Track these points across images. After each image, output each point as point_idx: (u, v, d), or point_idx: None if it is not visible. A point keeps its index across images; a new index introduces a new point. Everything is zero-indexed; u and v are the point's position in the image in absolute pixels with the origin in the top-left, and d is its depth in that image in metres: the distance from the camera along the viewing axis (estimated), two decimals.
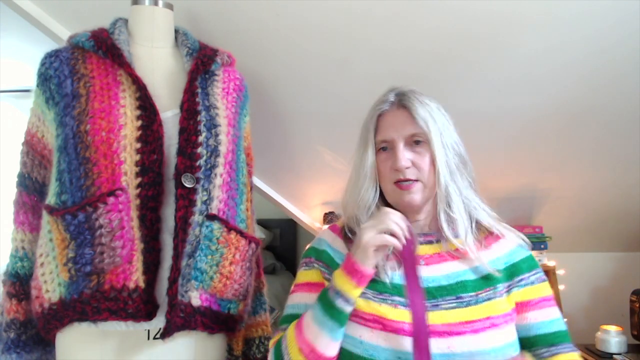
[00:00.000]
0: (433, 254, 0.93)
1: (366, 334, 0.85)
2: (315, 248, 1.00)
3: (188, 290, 0.95)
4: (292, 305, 0.97)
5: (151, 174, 0.94)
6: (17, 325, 1.02)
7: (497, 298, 0.88)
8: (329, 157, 1.81)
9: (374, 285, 0.89)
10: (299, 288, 0.98)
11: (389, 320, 0.84)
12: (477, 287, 0.88)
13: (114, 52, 0.99)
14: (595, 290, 2.17)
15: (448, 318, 0.84)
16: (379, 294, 0.88)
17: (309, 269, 0.98)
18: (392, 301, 0.87)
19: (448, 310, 0.85)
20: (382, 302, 0.86)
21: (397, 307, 0.86)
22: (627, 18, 1.23)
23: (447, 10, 1.24)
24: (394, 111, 0.94)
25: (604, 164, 1.73)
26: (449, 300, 0.86)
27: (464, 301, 0.86)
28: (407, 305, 0.86)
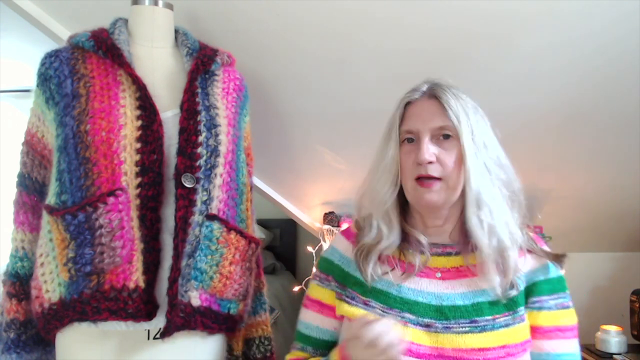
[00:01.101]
0: (451, 268, 0.86)
1: None
2: (328, 260, 0.95)
3: (188, 290, 0.95)
4: (305, 323, 0.94)
5: (151, 174, 0.94)
6: (17, 325, 1.02)
7: (517, 324, 0.81)
8: (329, 157, 1.81)
9: (384, 299, 0.85)
10: (312, 304, 0.94)
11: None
12: (495, 311, 0.81)
13: (114, 52, 0.99)
14: (595, 290, 2.16)
15: (459, 343, 0.79)
16: (388, 308, 0.84)
17: (322, 285, 0.93)
18: (402, 318, 0.82)
19: (460, 334, 0.79)
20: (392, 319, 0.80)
21: (407, 324, 0.81)
22: (626, 17, 1.23)
23: (447, 10, 1.24)
24: (424, 101, 0.86)
25: (604, 164, 1.73)
26: (463, 323, 0.80)
27: (478, 326, 0.80)
28: (419, 323, 0.81)
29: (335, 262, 0.93)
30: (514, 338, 0.80)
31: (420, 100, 0.87)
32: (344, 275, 0.91)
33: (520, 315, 0.82)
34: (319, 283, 0.95)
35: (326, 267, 0.94)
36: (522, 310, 0.82)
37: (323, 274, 0.94)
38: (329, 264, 0.94)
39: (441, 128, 0.82)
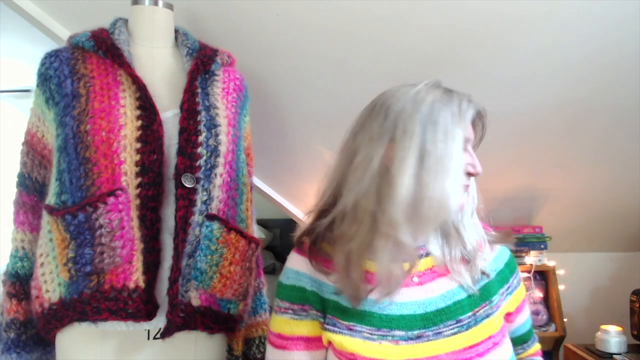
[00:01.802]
0: (426, 270, 0.83)
1: None
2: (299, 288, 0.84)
3: (188, 290, 0.95)
4: None
5: (151, 174, 0.94)
6: (17, 325, 1.02)
7: (494, 314, 0.82)
8: (329, 157, 1.81)
9: (370, 320, 0.79)
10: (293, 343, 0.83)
11: None
12: (473, 305, 0.81)
13: (114, 52, 0.99)
14: (595, 290, 2.17)
15: (452, 346, 0.77)
16: (376, 329, 0.79)
17: (299, 318, 0.83)
18: (393, 337, 0.78)
19: (450, 336, 0.78)
20: (381, 340, 0.77)
21: (399, 343, 0.77)
22: (626, 19, 1.23)
23: (447, 9, 1.24)
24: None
25: (604, 163, 1.73)
26: (450, 325, 0.79)
27: (464, 324, 0.79)
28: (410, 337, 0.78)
29: (308, 289, 0.84)
30: (494, 327, 0.81)
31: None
32: (322, 301, 0.83)
33: (496, 303, 0.83)
34: (294, 316, 0.84)
35: (299, 297, 0.84)
36: (497, 299, 0.84)
37: (297, 305, 0.84)
38: (300, 292, 0.84)
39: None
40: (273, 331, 0.86)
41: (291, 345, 0.83)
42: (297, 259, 0.87)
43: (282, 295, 0.86)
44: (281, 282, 0.88)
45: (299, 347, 0.83)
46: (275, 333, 0.85)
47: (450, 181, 0.74)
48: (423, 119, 0.75)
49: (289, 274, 0.86)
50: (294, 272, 0.86)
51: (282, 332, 0.84)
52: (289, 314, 0.84)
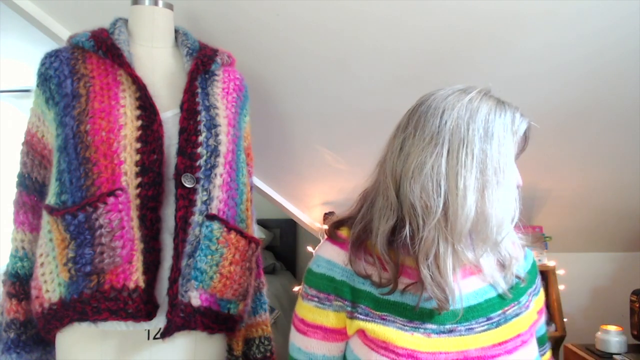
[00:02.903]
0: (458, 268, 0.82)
1: None
2: (327, 277, 0.84)
3: (188, 290, 0.95)
4: (306, 352, 0.85)
5: (151, 174, 0.94)
6: (17, 325, 1.02)
7: (523, 313, 0.84)
8: (329, 157, 1.81)
9: (403, 312, 0.80)
10: (313, 331, 0.84)
11: (424, 354, 0.76)
12: (503, 304, 0.83)
13: (114, 52, 0.99)
14: (595, 290, 2.17)
15: (482, 342, 0.79)
16: (409, 321, 0.79)
17: (322, 307, 0.84)
18: (425, 330, 0.78)
19: (481, 333, 0.80)
20: (414, 332, 0.78)
21: (431, 335, 0.78)
22: (626, 19, 1.23)
23: (446, 10, 1.24)
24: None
25: (604, 163, 1.73)
26: (481, 322, 0.81)
27: (494, 321, 0.81)
28: (442, 331, 0.79)
29: (338, 279, 0.83)
30: (523, 326, 0.83)
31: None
32: (353, 291, 0.83)
33: (524, 304, 0.85)
34: (319, 304, 0.84)
35: (328, 286, 0.84)
36: (525, 299, 0.86)
37: (323, 294, 0.84)
38: (330, 281, 0.84)
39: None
40: (298, 315, 0.88)
41: (310, 333, 0.85)
42: (331, 248, 0.86)
43: (310, 282, 0.86)
44: (311, 269, 0.87)
45: (316, 335, 0.84)
46: (299, 317, 0.88)
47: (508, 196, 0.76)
48: (480, 129, 0.76)
49: (320, 263, 0.86)
50: (326, 262, 0.85)
51: (304, 317, 0.86)
52: (314, 302, 0.85)
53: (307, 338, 0.85)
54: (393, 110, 1.55)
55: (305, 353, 0.86)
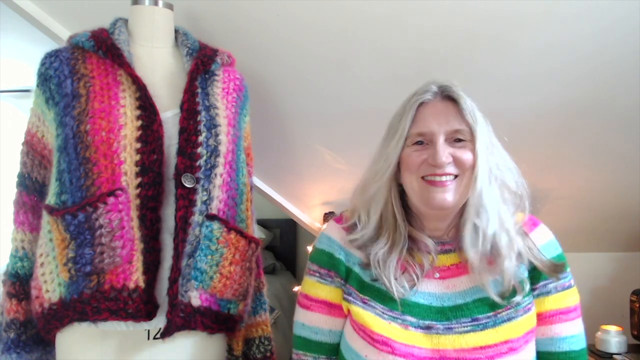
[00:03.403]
0: (450, 266, 0.83)
1: (372, 354, 0.78)
2: (328, 254, 0.88)
3: (188, 290, 0.95)
4: (312, 328, 0.87)
5: (151, 174, 0.94)
6: (17, 325, 1.02)
7: (520, 317, 0.79)
8: (329, 157, 1.81)
9: (385, 301, 0.81)
10: (318, 306, 0.87)
11: (398, 344, 0.77)
12: (497, 305, 0.79)
13: (114, 52, 0.99)
14: (595, 290, 2.16)
15: (461, 343, 0.77)
16: (389, 310, 0.81)
17: (325, 282, 0.87)
18: (403, 321, 0.80)
19: (461, 334, 0.78)
20: (391, 321, 0.79)
21: (408, 328, 0.79)
22: (626, 18, 1.23)
23: (447, 10, 1.24)
24: (437, 102, 0.83)
25: (604, 163, 1.73)
26: (464, 323, 0.79)
27: (480, 323, 0.78)
28: (420, 326, 0.79)
29: (336, 256, 0.87)
30: (516, 332, 0.78)
31: (434, 102, 0.83)
32: (347, 270, 0.86)
33: (525, 306, 0.80)
34: (320, 280, 0.88)
35: (327, 262, 0.88)
36: (528, 300, 0.81)
37: (324, 269, 0.88)
38: (329, 257, 0.88)
39: (456, 131, 0.80)
40: (302, 291, 0.91)
41: (314, 307, 0.87)
42: (334, 227, 0.90)
43: (313, 259, 0.90)
44: (315, 245, 0.92)
45: (321, 310, 0.87)
46: (303, 293, 0.90)
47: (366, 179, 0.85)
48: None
49: (322, 239, 0.90)
50: (327, 238, 0.89)
51: (308, 292, 0.89)
52: (316, 277, 0.88)
53: (310, 312, 0.87)
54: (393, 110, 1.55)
55: (309, 327, 0.87)
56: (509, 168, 0.85)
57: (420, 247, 0.84)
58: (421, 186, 0.81)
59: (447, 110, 0.81)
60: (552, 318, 0.82)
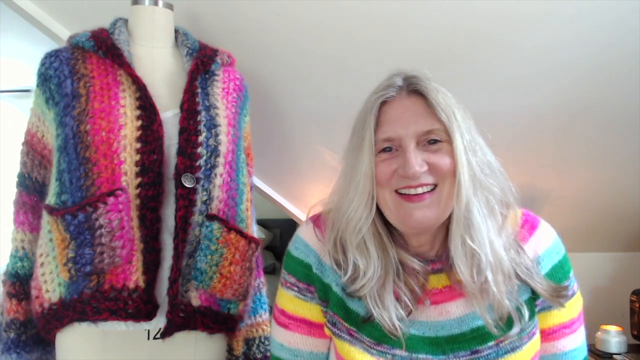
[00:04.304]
0: (443, 288, 0.71)
1: None
2: (306, 265, 0.75)
3: (188, 290, 0.95)
4: (289, 348, 0.74)
5: (151, 174, 0.94)
6: (17, 325, 1.02)
7: (524, 346, 0.68)
8: (329, 157, 1.81)
9: (372, 331, 0.70)
10: (297, 325, 0.75)
11: None
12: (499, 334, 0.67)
13: (114, 52, 0.99)
14: (595, 290, 2.16)
15: None
16: (376, 344, 0.70)
17: (304, 298, 0.75)
18: (393, 356, 0.69)
19: None
20: (379, 356, 0.69)
21: None
22: (626, 18, 1.23)
23: (446, 9, 1.24)
24: (403, 99, 0.70)
25: (604, 163, 1.73)
26: (463, 356, 0.68)
27: (481, 356, 0.67)
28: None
29: (313, 271, 0.74)
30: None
31: (399, 99, 0.70)
32: (324, 289, 0.73)
33: (530, 331, 0.70)
34: (299, 295, 0.75)
35: (305, 275, 0.75)
36: (531, 324, 0.70)
37: (302, 283, 0.75)
38: (307, 269, 0.75)
39: (429, 132, 0.67)
40: (278, 305, 0.78)
41: (293, 326, 0.75)
42: (311, 231, 0.76)
43: (288, 268, 0.77)
44: (289, 251, 0.78)
45: (301, 330, 0.75)
46: (279, 308, 0.78)
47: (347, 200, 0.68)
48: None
49: (299, 244, 0.77)
50: (304, 245, 0.76)
51: (284, 308, 0.77)
52: (294, 292, 0.75)
53: (289, 332, 0.75)
54: None
55: (288, 349, 0.75)
56: (495, 171, 0.71)
57: (407, 270, 0.71)
58: (395, 202, 0.67)
59: (416, 107, 0.68)
60: (555, 334, 0.72)
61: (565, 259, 0.76)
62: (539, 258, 0.73)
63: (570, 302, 0.73)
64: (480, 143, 0.71)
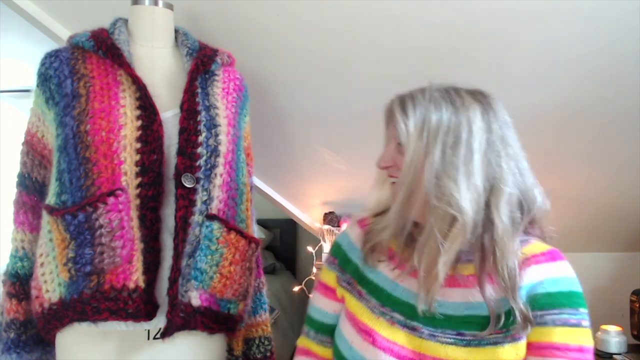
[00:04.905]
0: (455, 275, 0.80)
1: (357, 342, 0.82)
2: (337, 244, 0.96)
3: (188, 290, 0.95)
4: (313, 307, 0.96)
5: (151, 174, 0.94)
6: (17, 325, 1.02)
7: (507, 344, 0.75)
8: (329, 157, 1.82)
9: (379, 295, 0.85)
10: (319, 287, 0.96)
11: (381, 337, 0.80)
12: (485, 326, 0.76)
13: (114, 52, 0.99)
14: (595, 290, 2.16)
15: (441, 353, 0.77)
16: (380, 305, 0.84)
17: (329, 268, 0.94)
18: (391, 317, 0.82)
19: (443, 344, 0.77)
20: (380, 316, 0.82)
21: (394, 325, 0.81)
22: (628, 16, 1.23)
23: (445, 9, 1.24)
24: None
25: (604, 163, 1.73)
26: (449, 334, 0.78)
27: (464, 339, 0.77)
28: (406, 325, 0.80)
29: (342, 247, 0.94)
30: (499, 357, 0.75)
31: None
32: (346, 260, 0.92)
33: (513, 334, 0.75)
34: (327, 265, 0.96)
35: (334, 251, 0.95)
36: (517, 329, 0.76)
37: (331, 257, 0.95)
38: (337, 247, 0.95)
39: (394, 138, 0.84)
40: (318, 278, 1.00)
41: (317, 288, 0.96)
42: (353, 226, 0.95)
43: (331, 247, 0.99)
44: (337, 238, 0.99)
45: (320, 291, 0.95)
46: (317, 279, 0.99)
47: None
48: None
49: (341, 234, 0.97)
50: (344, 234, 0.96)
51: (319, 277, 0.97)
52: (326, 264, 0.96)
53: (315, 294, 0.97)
54: None
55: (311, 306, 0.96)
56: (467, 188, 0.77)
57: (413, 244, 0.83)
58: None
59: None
60: (543, 351, 0.75)
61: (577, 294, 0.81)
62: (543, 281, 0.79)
63: (568, 328, 0.78)
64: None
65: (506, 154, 0.81)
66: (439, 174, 0.76)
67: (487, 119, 0.80)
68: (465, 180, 0.75)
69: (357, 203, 2.14)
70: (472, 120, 0.79)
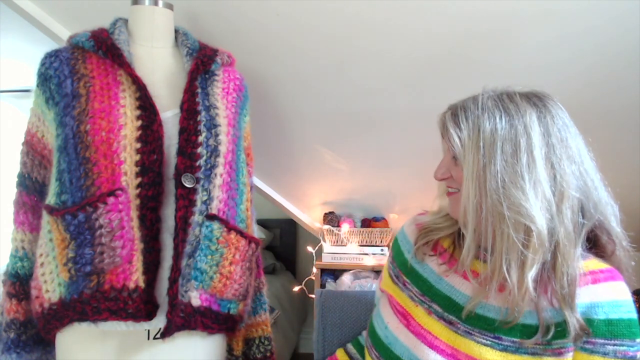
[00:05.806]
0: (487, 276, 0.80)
1: (393, 323, 0.86)
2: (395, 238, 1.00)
3: (188, 290, 0.95)
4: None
5: (151, 174, 0.94)
6: (17, 325, 1.02)
7: (545, 357, 0.74)
8: (329, 157, 1.82)
9: (421, 285, 0.88)
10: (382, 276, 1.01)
11: (416, 322, 0.83)
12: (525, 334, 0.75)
13: (114, 52, 0.99)
14: None
15: (475, 352, 0.76)
16: (420, 294, 0.87)
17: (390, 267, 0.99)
18: (429, 307, 0.84)
19: (479, 344, 0.77)
20: (419, 304, 0.86)
21: (431, 314, 0.83)
22: (625, 15, 1.23)
23: (444, 11, 1.24)
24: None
25: (603, 163, 1.73)
26: (486, 335, 0.77)
27: (501, 344, 0.76)
28: (443, 317, 0.82)
29: (398, 241, 0.99)
30: None
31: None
32: (399, 252, 0.97)
33: (557, 348, 0.74)
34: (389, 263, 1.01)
35: (392, 245, 1.01)
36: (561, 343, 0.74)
37: (389, 250, 1.03)
38: (394, 241, 1.00)
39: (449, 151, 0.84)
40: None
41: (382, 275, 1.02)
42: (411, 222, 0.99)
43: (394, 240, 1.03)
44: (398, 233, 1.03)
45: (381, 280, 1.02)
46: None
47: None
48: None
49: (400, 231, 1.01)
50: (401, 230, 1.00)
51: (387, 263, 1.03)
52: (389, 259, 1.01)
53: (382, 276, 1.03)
54: (393, 110, 1.55)
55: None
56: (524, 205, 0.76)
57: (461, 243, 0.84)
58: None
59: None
60: None
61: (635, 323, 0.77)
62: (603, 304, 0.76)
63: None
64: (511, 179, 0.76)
65: (567, 157, 0.80)
66: (505, 184, 0.75)
67: (544, 122, 0.80)
68: (532, 189, 0.74)
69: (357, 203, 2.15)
70: (528, 126, 0.78)
